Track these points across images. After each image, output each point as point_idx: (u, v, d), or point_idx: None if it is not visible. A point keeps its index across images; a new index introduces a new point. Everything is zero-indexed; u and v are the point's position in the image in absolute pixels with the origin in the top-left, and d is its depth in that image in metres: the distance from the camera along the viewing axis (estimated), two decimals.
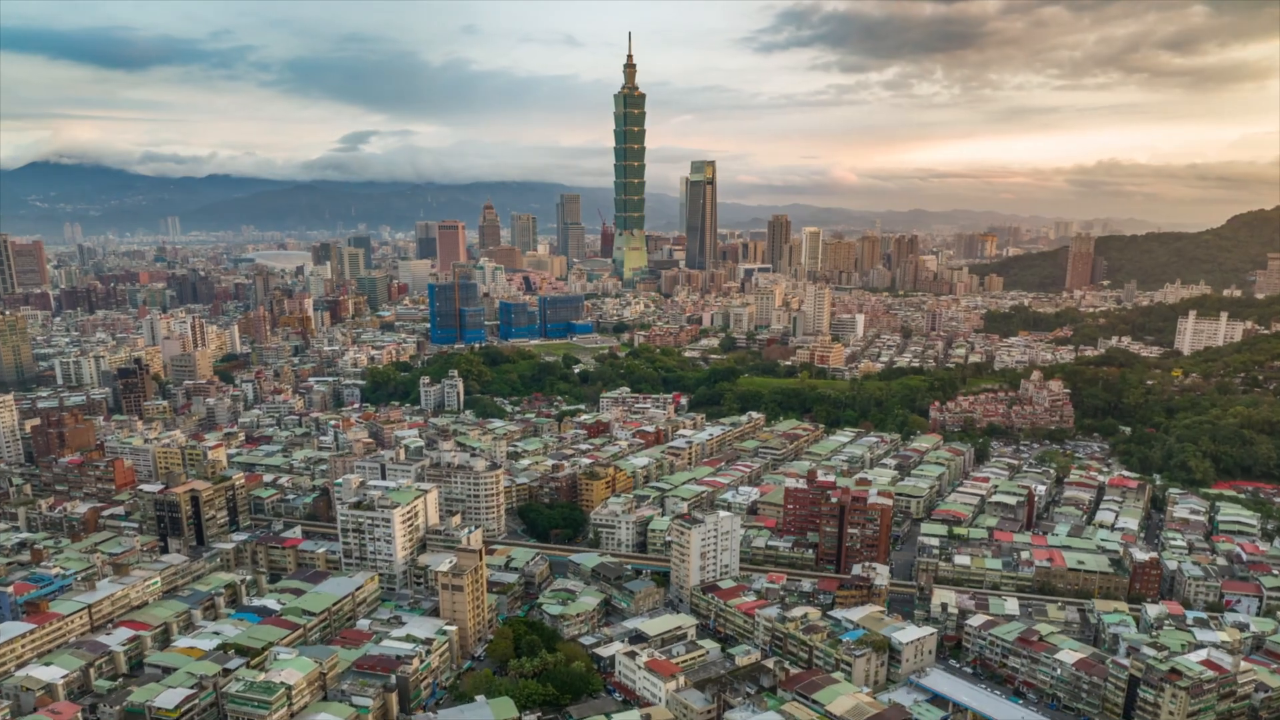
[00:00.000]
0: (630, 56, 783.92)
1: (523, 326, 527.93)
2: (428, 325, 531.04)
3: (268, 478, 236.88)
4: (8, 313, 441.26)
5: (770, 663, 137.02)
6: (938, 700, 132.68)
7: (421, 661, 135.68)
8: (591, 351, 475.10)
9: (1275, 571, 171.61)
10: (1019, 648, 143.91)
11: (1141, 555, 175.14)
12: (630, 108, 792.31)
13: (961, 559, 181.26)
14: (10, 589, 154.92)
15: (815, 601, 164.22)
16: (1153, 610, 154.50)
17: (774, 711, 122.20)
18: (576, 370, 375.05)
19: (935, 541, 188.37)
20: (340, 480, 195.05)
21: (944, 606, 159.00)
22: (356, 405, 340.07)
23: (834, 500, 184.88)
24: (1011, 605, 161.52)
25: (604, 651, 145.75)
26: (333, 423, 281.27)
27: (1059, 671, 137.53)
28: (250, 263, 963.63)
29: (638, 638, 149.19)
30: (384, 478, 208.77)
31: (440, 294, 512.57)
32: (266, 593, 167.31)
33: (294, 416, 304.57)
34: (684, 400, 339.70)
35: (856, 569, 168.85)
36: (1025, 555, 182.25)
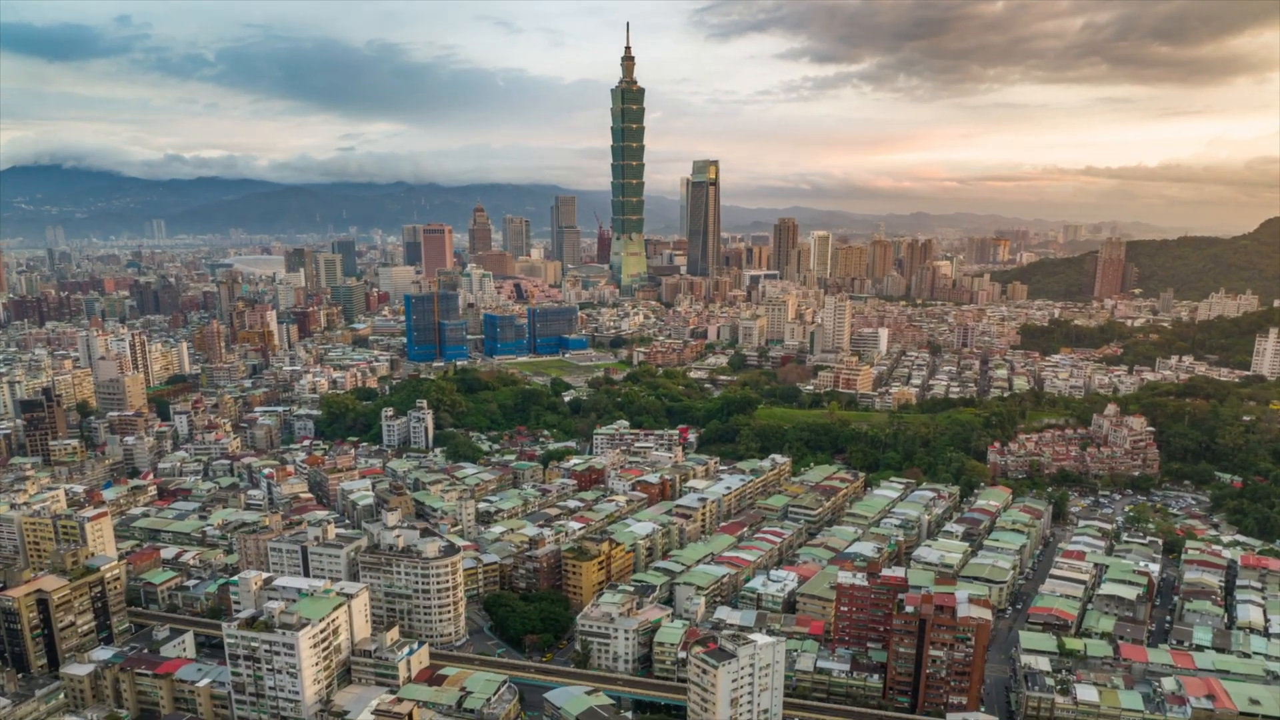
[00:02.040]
0: (628, 49, 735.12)
1: (510, 342, 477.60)
2: (405, 340, 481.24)
3: (169, 551, 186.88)
4: None
5: None
6: None
7: None
8: (586, 371, 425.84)
9: None
10: None
11: None
12: (628, 103, 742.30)
13: (1086, 692, 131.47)
14: None
15: None
16: None
17: None
18: (566, 399, 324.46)
19: (1044, 662, 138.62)
20: (237, 578, 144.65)
21: None
22: (308, 441, 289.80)
23: (910, 610, 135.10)
24: None
25: None
26: (265, 471, 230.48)
27: None
28: (228, 268, 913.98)
29: None
30: (305, 567, 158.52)
31: (418, 306, 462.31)
32: None
33: (225, 460, 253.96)
34: (692, 436, 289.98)
35: None
36: (1171, 686, 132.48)
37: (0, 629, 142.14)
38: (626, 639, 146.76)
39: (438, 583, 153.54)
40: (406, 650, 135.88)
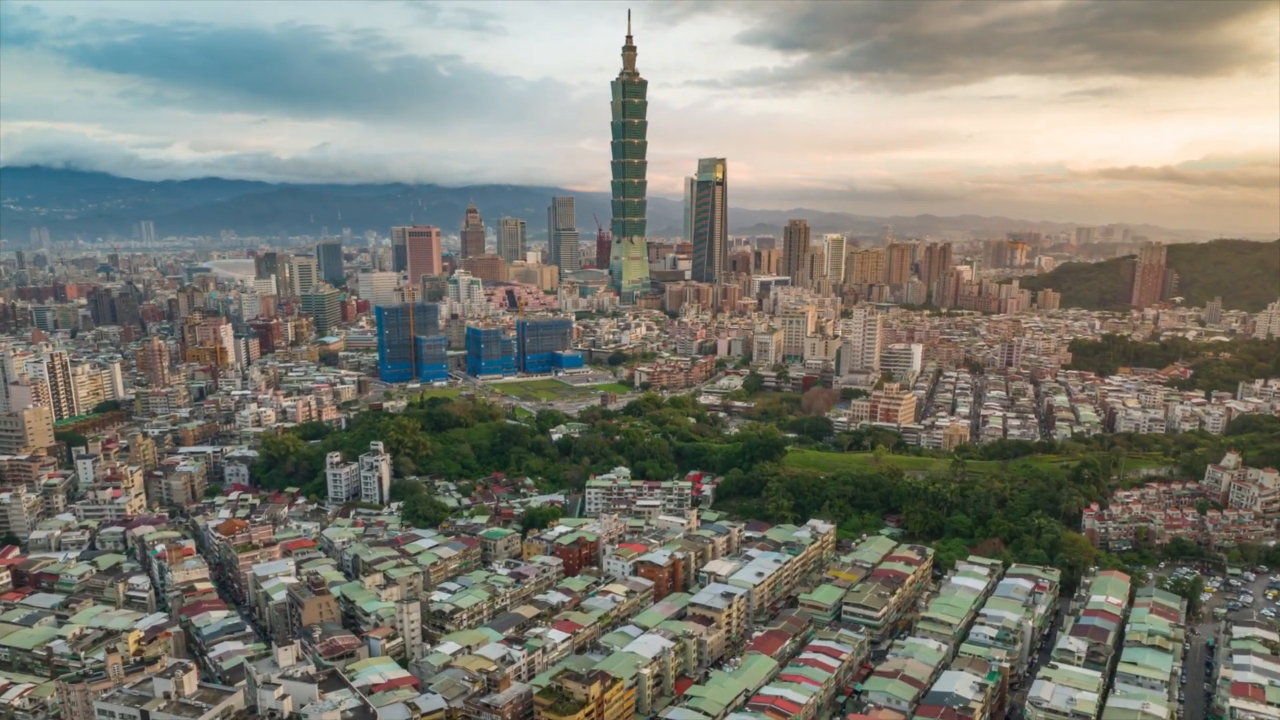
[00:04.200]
0: (630, 38, 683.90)
1: (495, 360, 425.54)
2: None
3: None
4: None
5: None
6: None
7: None
8: (581, 394, 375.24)
9: None
10: None
11: None
12: (629, 97, 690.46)
13: None
14: None
15: None
16: None
17: None
18: (555, 437, 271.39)
19: None
20: None
21: None
22: (238, 493, 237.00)
23: None
24: None
25: None
26: (158, 549, 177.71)
27: None
28: (206, 273, 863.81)
29: None
30: None
31: (391, 319, 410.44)
32: None
33: (119, 528, 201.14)
34: (706, 487, 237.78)
35: None
36: None
37: None
38: None
39: None
40: None
